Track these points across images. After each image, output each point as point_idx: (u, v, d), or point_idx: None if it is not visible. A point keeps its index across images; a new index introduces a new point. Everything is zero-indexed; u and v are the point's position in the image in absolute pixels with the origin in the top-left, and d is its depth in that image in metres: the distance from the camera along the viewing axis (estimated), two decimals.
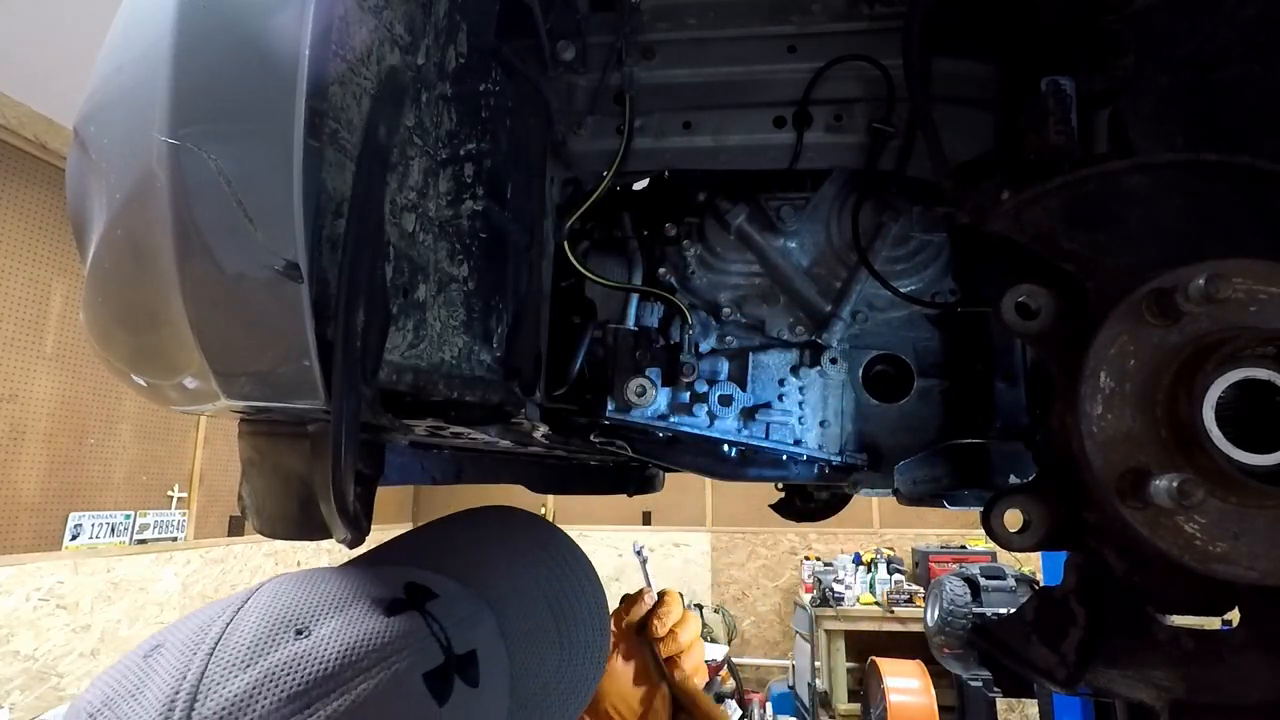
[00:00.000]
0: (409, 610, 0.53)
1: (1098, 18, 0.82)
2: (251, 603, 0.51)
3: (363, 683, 0.47)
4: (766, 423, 1.13)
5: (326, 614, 0.50)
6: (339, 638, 0.48)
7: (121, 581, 4.27)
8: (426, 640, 0.52)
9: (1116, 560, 0.67)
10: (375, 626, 0.50)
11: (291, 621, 0.48)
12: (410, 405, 0.72)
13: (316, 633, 0.48)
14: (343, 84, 0.58)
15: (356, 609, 0.51)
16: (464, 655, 0.54)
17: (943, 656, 3.46)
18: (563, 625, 0.68)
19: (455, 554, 0.67)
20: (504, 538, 0.73)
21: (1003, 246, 0.75)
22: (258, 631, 0.47)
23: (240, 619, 0.48)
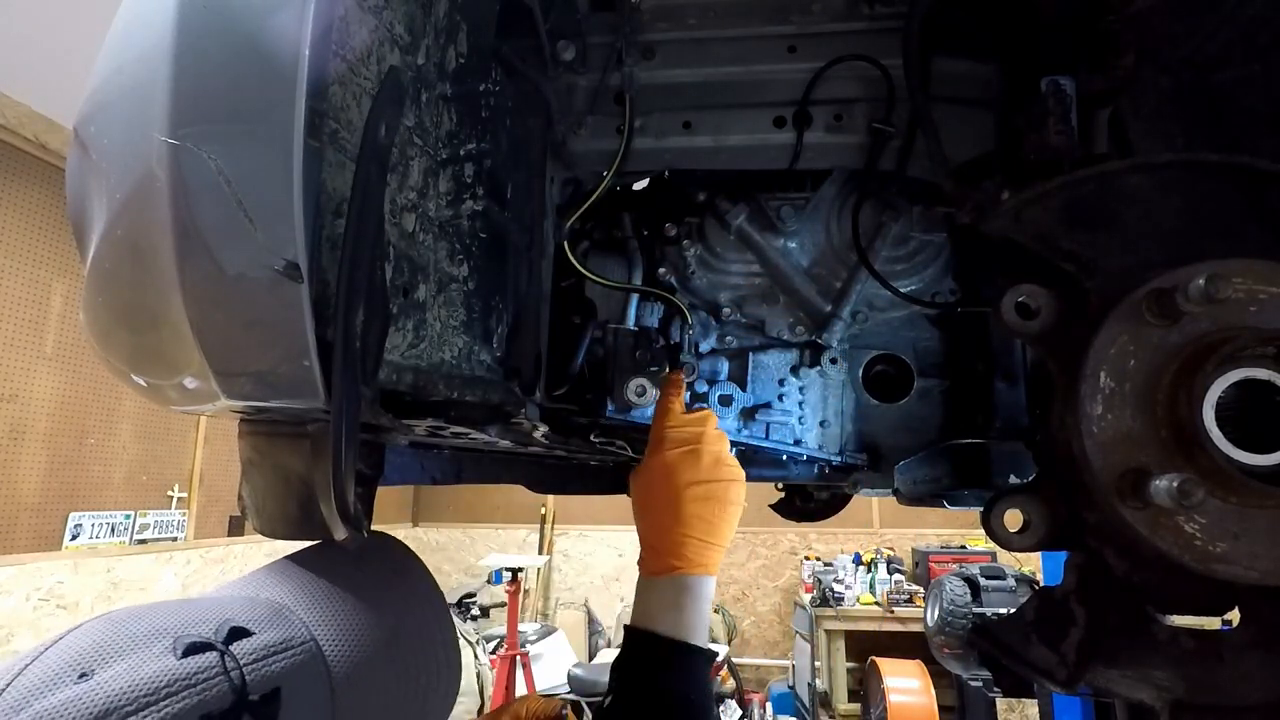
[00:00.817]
0: (206, 651, 0.55)
1: (1098, 18, 0.82)
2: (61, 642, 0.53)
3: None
4: (766, 423, 1.13)
5: (117, 656, 0.52)
6: (117, 681, 0.50)
7: (121, 581, 4.27)
8: (215, 681, 0.54)
9: (1116, 560, 0.67)
10: (159, 669, 0.52)
11: (80, 663, 0.51)
12: (410, 405, 0.72)
13: (99, 675, 0.50)
14: (343, 84, 0.58)
15: (150, 650, 0.53)
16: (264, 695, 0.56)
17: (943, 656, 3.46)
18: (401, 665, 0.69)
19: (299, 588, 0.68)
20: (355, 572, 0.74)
21: (1003, 246, 0.75)
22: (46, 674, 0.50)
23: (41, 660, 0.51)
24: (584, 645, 6.23)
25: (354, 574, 0.73)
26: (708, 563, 0.82)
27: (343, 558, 0.75)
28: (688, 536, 0.81)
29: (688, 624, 0.78)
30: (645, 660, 0.77)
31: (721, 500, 0.83)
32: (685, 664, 0.77)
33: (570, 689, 4.63)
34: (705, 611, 0.80)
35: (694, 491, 0.82)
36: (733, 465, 0.86)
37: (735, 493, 0.85)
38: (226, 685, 0.54)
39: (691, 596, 0.80)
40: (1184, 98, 0.89)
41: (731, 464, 0.86)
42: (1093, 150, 0.86)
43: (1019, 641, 0.69)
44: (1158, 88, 0.90)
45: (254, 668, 0.56)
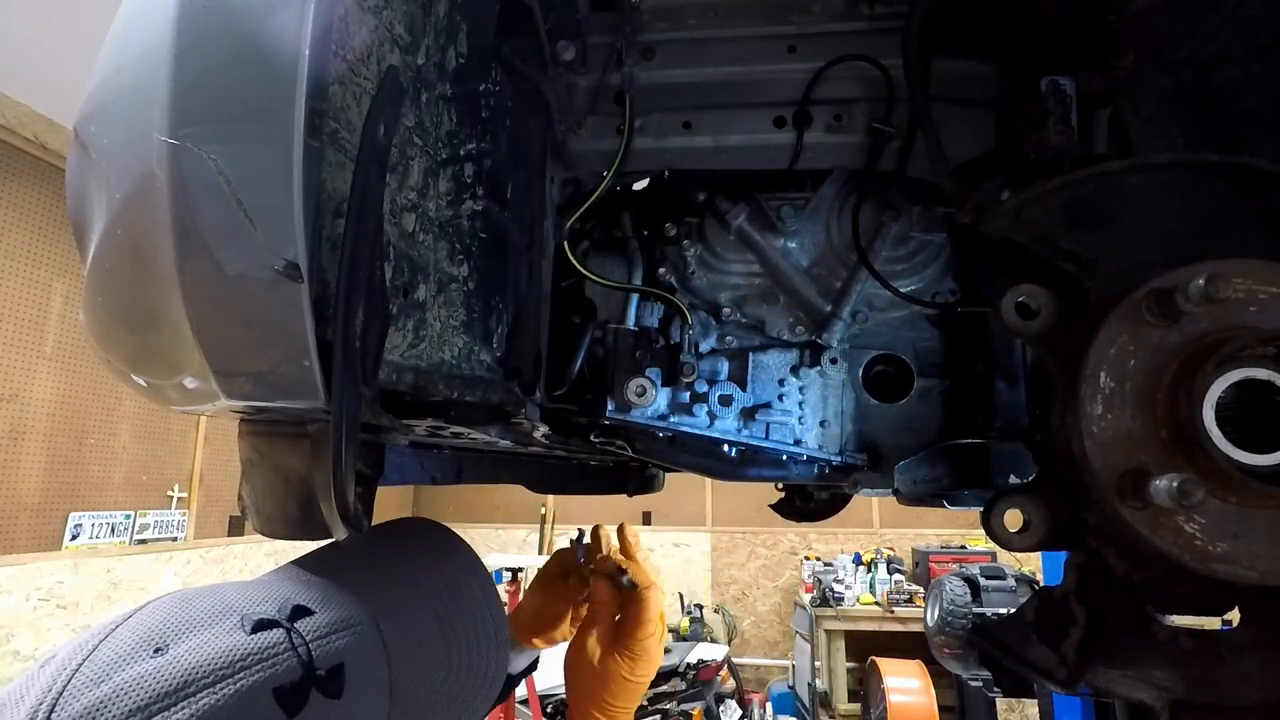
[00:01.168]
0: (273, 628, 0.57)
1: (1098, 18, 0.82)
2: (132, 619, 0.55)
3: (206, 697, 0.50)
4: (766, 423, 1.13)
5: (190, 632, 0.54)
6: (192, 655, 0.52)
7: (121, 581, 4.27)
8: (285, 656, 0.56)
9: (1116, 560, 0.67)
10: (231, 644, 0.54)
11: (154, 639, 0.53)
12: (410, 405, 0.72)
13: (173, 650, 0.52)
14: (343, 84, 0.58)
15: (219, 627, 0.55)
16: (330, 670, 0.58)
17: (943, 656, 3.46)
18: (452, 642, 0.71)
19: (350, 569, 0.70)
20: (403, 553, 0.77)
21: (1003, 246, 0.75)
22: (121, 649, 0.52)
23: (114, 637, 0.53)
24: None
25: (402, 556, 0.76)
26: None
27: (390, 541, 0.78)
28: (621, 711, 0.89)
29: None
30: None
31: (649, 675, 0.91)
32: None
33: None
34: None
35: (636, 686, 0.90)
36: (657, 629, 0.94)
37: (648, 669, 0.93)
38: (295, 660, 0.56)
39: None
40: (1184, 98, 0.89)
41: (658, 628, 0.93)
42: (1093, 150, 0.87)
43: (1019, 641, 0.69)
44: (1158, 88, 0.90)
45: (319, 644, 0.58)
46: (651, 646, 0.91)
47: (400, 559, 0.75)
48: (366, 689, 0.61)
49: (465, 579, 0.77)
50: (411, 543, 0.80)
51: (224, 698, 0.51)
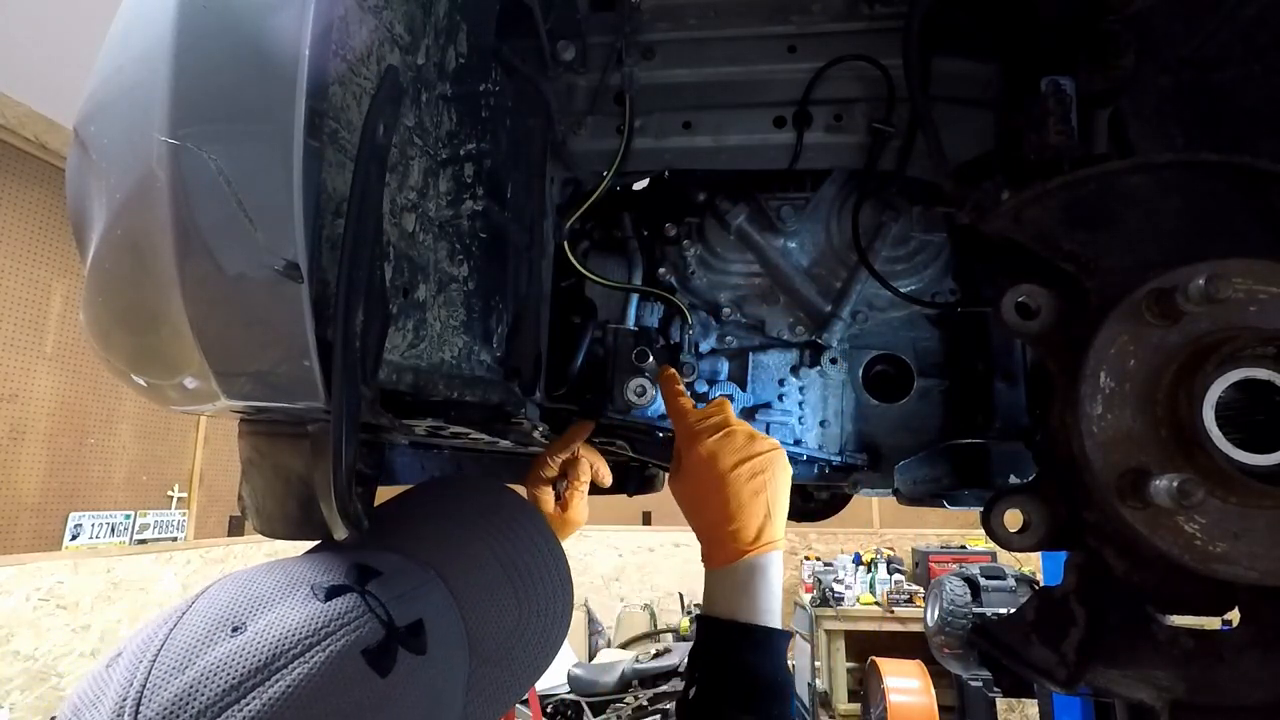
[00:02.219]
0: (347, 593, 0.56)
1: (1097, 18, 0.82)
2: (196, 605, 0.54)
3: (298, 667, 0.49)
4: (766, 423, 1.13)
5: (263, 608, 0.53)
6: (273, 629, 0.51)
7: (121, 581, 4.27)
8: (365, 618, 0.55)
9: (1116, 560, 0.67)
10: (309, 613, 0.53)
11: (229, 619, 0.52)
12: (410, 405, 0.72)
13: (252, 627, 0.51)
14: (343, 84, 0.58)
15: (293, 599, 0.54)
16: (409, 626, 0.57)
17: (943, 656, 3.46)
18: (519, 585, 0.70)
19: (404, 528, 0.70)
20: (452, 506, 0.76)
21: (1003, 246, 0.75)
22: (196, 634, 0.51)
23: (183, 623, 0.52)
24: (584, 645, 6.23)
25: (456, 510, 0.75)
26: (774, 537, 0.82)
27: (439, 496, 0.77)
28: (746, 519, 0.81)
29: (761, 607, 0.78)
30: (724, 646, 0.78)
31: (769, 472, 0.83)
32: (764, 645, 0.77)
33: (570, 689, 4.62)
34: (777, 591, 0.81)
35: (740, 472, 0.82)
36: (766, 437, 0.87)
37: (779, 461, 0.85)
38: (376, 621, 0.55)
39: (762, 578, 0.80)
40: (1184, 98, 0.89)
41: (764, 436, 0.87)
42: (1093, 150, 0.86)
43: (1019, 641, 0.69)
44: (1158, 88, 0.90)
45: (394, 603, 0.57)
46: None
47: (452, 511, 0.74)
48: (447, 642, 0.61)
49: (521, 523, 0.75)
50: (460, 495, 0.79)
51: (316, 665, 0.50)
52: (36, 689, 3.76)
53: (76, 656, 3.96)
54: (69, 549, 4.02)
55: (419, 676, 0.56)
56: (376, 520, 0.70)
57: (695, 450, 0.85)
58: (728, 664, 0.77)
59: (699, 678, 0.77)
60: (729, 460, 0.82)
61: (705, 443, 0.85)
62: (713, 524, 0.82)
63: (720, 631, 0.78)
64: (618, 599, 6.61)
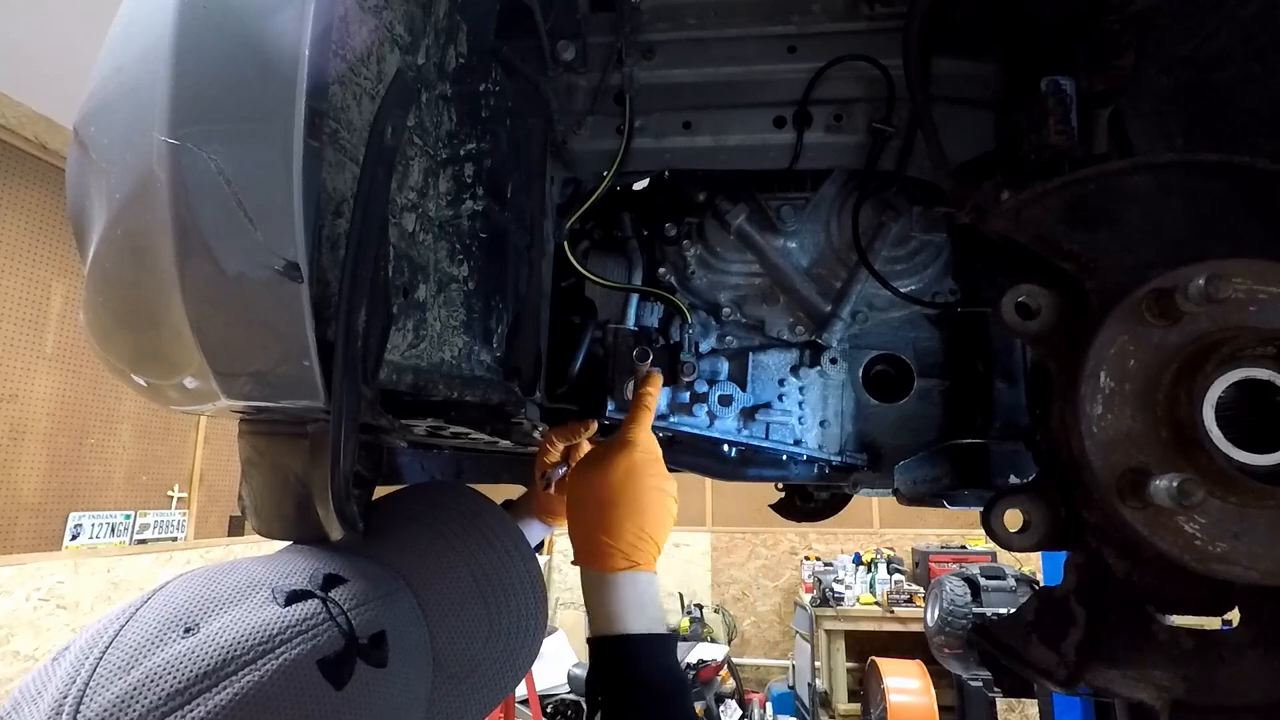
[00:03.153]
0: (308, 599, 0.54)
1: (1097, 18, 0.82)
2: (152, 601, 0.52)
3: (248, 674, 0.48)
4: (766, 423, 1.13)
5: (220, 609, 0.51)
6: (226, 632, 0.49)
7: (121, 581, 4.27)
8: (324, 627, 0.53)
9: (1116, 560, 0.67)
10: (266, 618, 0.51)
11: (182, 620, 0.50)
12: (410, 405, 0.72)
13: (205, 629, 0.49)
14: (343, 84, 0.58)
15: (251, 602, 0.52)
16: (371, 638, 0.56)
17: (943, 656, 3.46)
18: (491, 600, 0.69)
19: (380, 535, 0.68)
20: (431, 515, 0.74)
21: (1003, 247, 0.75)
22: (146, 633, 0.48)
23: (136, 620, 0.50)
24: (584, 645, 6.23)
25: (432, 519, 0.73)
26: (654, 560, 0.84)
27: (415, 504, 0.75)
28: (648, 535, 0.82)
29: (653, 618, 0.80)
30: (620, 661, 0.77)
31: (671, 510, 0.86)
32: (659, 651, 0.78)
33: (570, 689, 4.63)
34: (659, 604, 0.83)
35: (657, 494, 0.83)
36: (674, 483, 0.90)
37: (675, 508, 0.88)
38: (335, 630, 0.53)
39: (653, 591, 0.82)
40: (1184, 98, 0.89)
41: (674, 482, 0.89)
42: (1093, 150, 0.87)
43: (1019, 642, 0.69)
44: (1158, 88, 0.90)
45: (357, 612, 0.56)
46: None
47: (428, 520, 0.73)
48: (409, 656, 0.59)
49: (497, 536, 0.74)
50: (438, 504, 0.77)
51: (267, 674, 0.48)
52: None
53: None
54: (69, 549, 4.02)
55: (377, 690, 0.54)
56: None
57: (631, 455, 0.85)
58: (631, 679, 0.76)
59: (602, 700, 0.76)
60: (654, 481, 0.84)
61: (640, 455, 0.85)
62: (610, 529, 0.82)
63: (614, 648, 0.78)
64: None
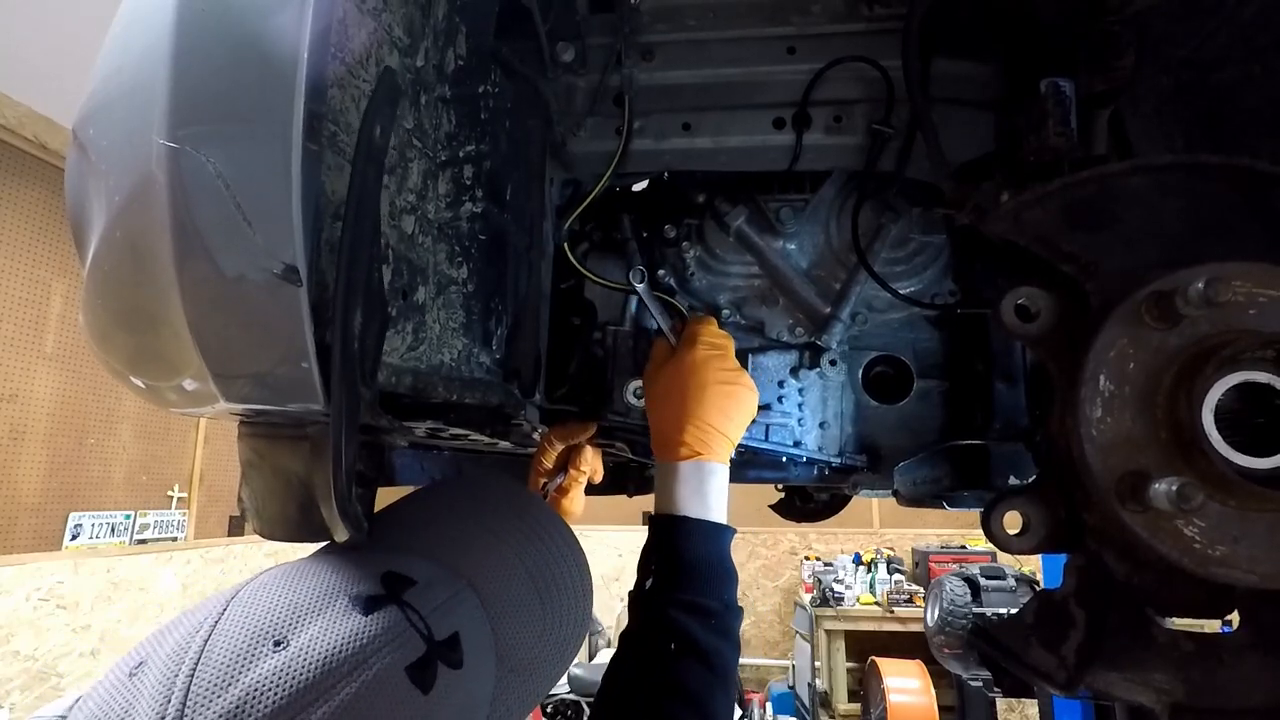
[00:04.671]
0: (387, 605, 0.54)
1: (1097, 19, 0.82)
2: (230, 612, 0.51)
3: (345, 687, 0.48)
4: (766, 424, 1.13)
5: (304, 620, 0.51)
6: (317, 645, 0.49)
7: (121, 581, 4.27)
8: (406, 633, 0.53)
9: (1116, 563, 0.67)
10: (353, 628, 0.51)
11: (270, 632, 0.49)
12: (409, 407, 0.72)
13: (295, 642, 0.49)
14: (342, 86, 0.57)
15: (333, 611, 0.53)
16: (446, 640, 0.56)
17: (943, 656, 3.46)
18: (544, 594, 0.70)
19: (432, 532, 0.69)
20: (481, 511, 0.74)
21: (1003, 248, 0.75)
22: (237, 646, 0.48)
23: (220, 631, 0.49)
24: (584, 645, 6.23)
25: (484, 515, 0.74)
26: (723, 453, 0.87)
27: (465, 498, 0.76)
28: (708, 425, 0.86)
29: (710, 505, 0.84)
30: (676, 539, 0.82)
31: (741, 400, 0.90)
32: (713, 536, 0.82)
33: (570, 689, 4.63)
34: (724, 495, 0.86)
35: (720, 388, 0.88)
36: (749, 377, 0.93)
37: (751, 400, 0.92)
38: (417, 636, 0.54)
39: (712, 481, 0.85)
40: (1184, 98, 0.89)
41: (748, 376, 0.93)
42: (1092, 151, 0.86)
43: (1019, 644, 0.69)
44: (1158, 88, 0.90)
45: (433, 615, 0.56)
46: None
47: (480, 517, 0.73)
48: (479, 654, 0.60)
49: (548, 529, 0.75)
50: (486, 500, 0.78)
51: (362, 686, 0.48)
52: (36, 689, 3.76)
53: (76, 656, 3.96)
54: (69, 549, 4.02)
55: (456, 690, 0.55)
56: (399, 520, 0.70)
57: (691, 352, 0.91)
58: (680, 555, 0.80)
59: (654, 569, 0.80)
60: (714, 374, 0.89)
61: (701, 350, 0.91)
62: (679, 420, 0.87)
63: (672, 526, 0.83)
64: (618, 599, 6.60)
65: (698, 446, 0.85)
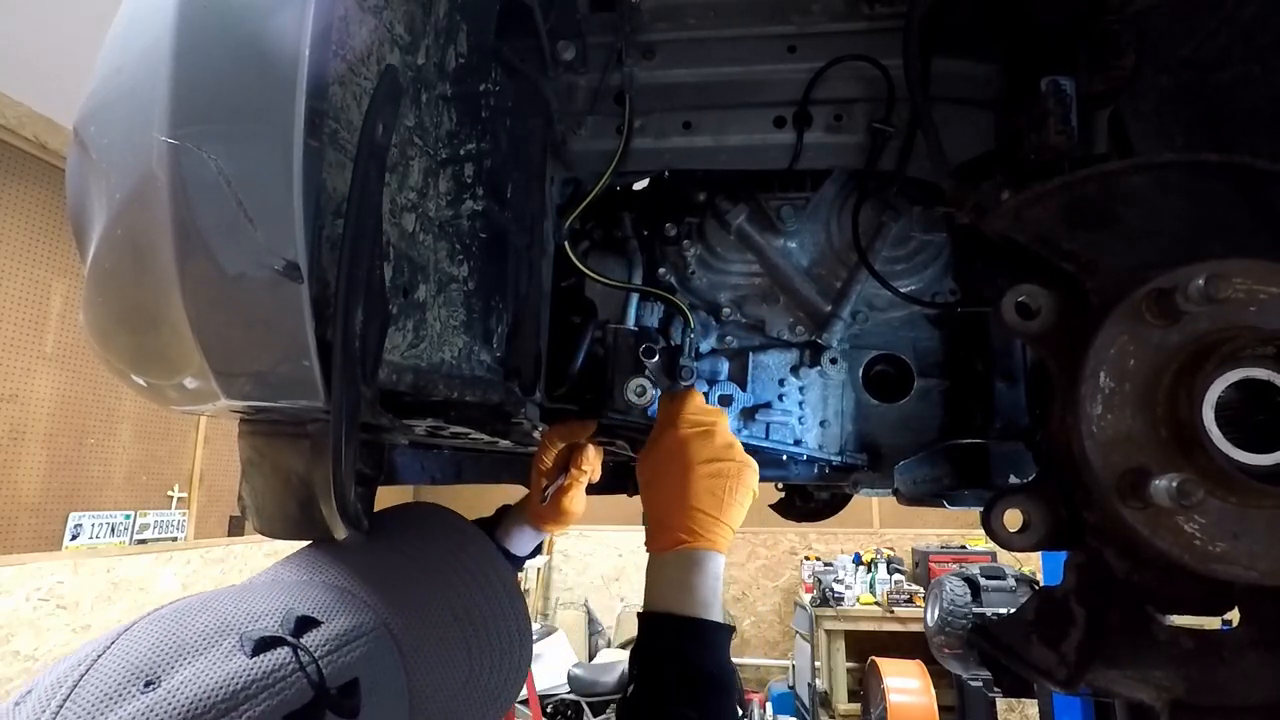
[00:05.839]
0: (278, 647, 0.52)
1: (1097, 18, 0.82)
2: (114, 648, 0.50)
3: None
4: (766, 423, 1.13)
5: (184, 659, 0.49)
6: (188, 688, 0.47)
7: (121, 581, 4.26)
8: (292, 679, 0.51)
9: (1117, 560, 0.67)
10: (232, 671, 0.49)
11: (144, 671, 0.47)
12: (410, 405, 0.72)
13: (166, 683, 0.47)
14: (343, 84, 0.58)
15: (217, 651, 0.50)
16: (342, 687, 0.53)
17: (943, 656, 3.46)
18: (473, 640, 0.67)
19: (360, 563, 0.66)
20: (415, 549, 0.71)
21: (1003, 247, 0.75)
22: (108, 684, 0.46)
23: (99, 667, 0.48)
24: (584, 645, 6.23)
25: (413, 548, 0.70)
26: (715, 539, 0.81)
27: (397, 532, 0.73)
28: (695, 510, 0.80)
29: (701, 600, 0.77)
30: (663, 640, 0.76)
31: (732, 479, 0.84)
32: (704, 638, 0.75)
33: (570, 689, 4.62)
34: (716, 588, 0.79)
35: (706, 468, 0.83)
36: (744, 451, 0.88)
37: (747, 476, 0.86)
38: (305, 681, 0.51)
39: (701, 572, 0.79)
40: (1184, 98, 0.89)
41: (742, 451, 0.88)
42: (1093, 150, 0.87)
43: (1019, 642, 0.69)
44: (1158, 88, 0.90)
45: (329, 659, 0.54)
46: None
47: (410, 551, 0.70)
48: (384, 702, 0.57)
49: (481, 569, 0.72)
50: (421, 532, 0.75)
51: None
52: None
53: None
54: (69, 549, 4.02)
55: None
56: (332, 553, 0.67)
57: (673, 433, 0.86)
58: (666, 658, 0.74)
59: (638, 674, 0.74)
60: (699, 454, 0.84)
61: (684, 431, 0.86)
62: (663, 507, 0.83)
63: (659, 625, 0.76)
64: (618, 599, 6.60)
65: (685, 534, 0.80)
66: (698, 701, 0.70)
